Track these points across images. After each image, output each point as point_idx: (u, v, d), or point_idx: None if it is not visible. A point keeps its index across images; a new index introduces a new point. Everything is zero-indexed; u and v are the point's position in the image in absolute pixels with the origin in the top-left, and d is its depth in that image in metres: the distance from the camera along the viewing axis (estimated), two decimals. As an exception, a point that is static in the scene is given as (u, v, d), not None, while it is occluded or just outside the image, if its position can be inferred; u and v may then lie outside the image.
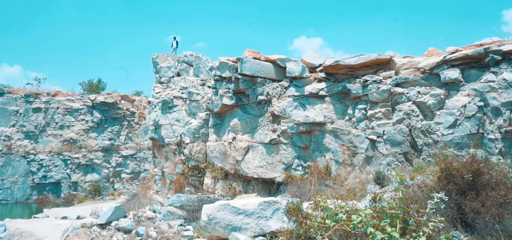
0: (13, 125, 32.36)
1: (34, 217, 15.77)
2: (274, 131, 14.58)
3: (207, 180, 16.42)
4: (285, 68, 14.59)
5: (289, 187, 12.92)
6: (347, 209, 5.12)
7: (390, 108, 12.71)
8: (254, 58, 14.89)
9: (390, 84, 12.76)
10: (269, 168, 14.59)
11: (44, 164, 32.26)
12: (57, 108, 33.42)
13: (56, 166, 32.51)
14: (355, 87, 13.30)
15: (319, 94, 13.93)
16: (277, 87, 14.65)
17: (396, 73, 13.02)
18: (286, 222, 7.06)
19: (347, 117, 13.59)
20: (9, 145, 31.82)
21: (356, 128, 13.25)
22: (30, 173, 32.03)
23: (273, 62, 14.86)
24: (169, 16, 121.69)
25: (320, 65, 14.42)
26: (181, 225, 9.15)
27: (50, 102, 33.42)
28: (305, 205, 7.68)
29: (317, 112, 13.82)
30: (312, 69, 14.60)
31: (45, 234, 9.83)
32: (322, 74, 14.19)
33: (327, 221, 4.47)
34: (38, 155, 32.36)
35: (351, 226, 4.20)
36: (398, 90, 12.63)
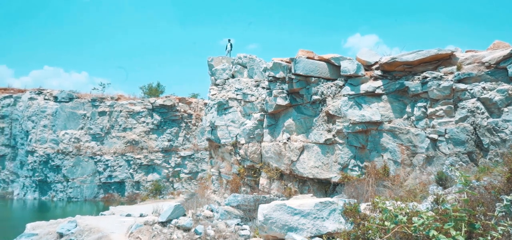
0: (82, 128, 34.73)
1: (101, 214, 16.82)
2: (329, 131, 14.41)
3: (263, 180, 16.57)
4: (339, 67, 14.37)
5: (345, 187, 12.71)
6: (407, 210, 4.98)
7: (452, 106, 12.10)
8: (308, 57, 14.81)
9: (451, 80, 12.15)
10: (324, 169, 14.44)
11: (109, 165, 34.28)
12: (120, 111, 35.36)
13: (120, 166, 34.41)
14: (413, 84, 12.81)
15: (375, 92, 13.57)
16: (331, 86, 14.47)
17: (458, 69, 12.36)
18: (343, 223, 6.96)
19: (405, 116, 13.12)
20: (78, 147, 34.17)
21: (416, 127, 12.76)
22: (97, 172, 34.18)
23: (327, 61, 14.70)
24: (223, 18, 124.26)
25: (376, 62, 14.04)
26: (237, 224, 9.31)
27: (114, 105, 35.44)
28: (362, 206, 7.54)
29: (373, 111, 13.48)
30: (368, 67, 14.25)
31: (111, 230, 10.42)
32: (378, 72, 13.80)
33: (386, 223, 4.36)
34: (104, 156, 34.45)
35: (412, 228, 4.07)
36: (461, 87, 11.99)
